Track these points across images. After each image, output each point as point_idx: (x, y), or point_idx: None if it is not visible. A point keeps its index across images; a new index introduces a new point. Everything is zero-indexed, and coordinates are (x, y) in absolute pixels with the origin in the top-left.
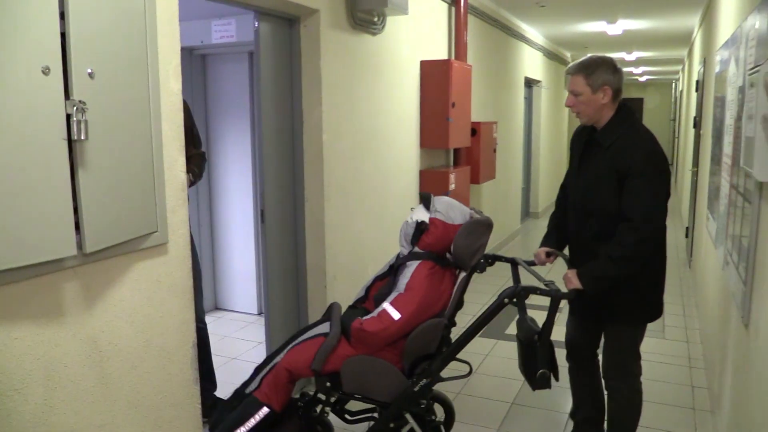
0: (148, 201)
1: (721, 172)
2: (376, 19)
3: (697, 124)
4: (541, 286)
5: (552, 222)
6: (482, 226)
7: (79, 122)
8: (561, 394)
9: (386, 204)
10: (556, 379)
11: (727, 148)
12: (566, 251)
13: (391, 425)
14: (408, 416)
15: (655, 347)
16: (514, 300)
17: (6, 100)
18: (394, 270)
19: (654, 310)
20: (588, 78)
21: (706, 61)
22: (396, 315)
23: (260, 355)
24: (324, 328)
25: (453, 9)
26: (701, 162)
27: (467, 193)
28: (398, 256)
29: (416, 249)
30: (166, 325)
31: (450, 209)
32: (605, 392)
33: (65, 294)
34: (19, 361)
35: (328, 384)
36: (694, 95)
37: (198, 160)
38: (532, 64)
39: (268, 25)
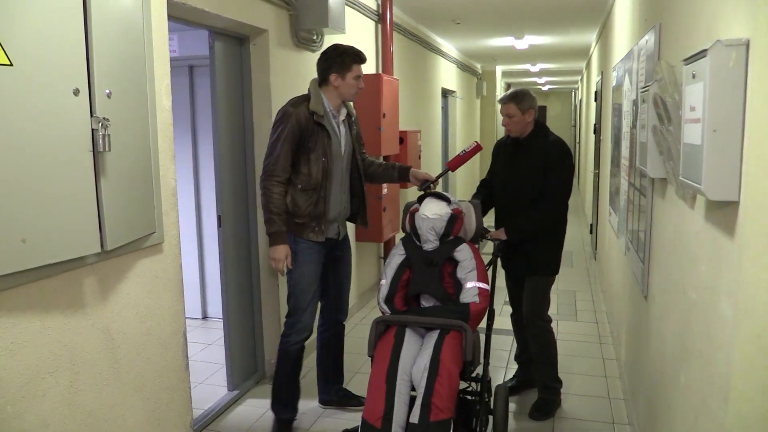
0: (148, 204)
1: (620, 173)
2: (315, 37)
3: (597, 130)
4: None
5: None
6: None
7: (103, 136)
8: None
9: None
10: None
11: (625, 151)
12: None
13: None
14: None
15: (570, 329)
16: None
17: (45, 118)
18: (431, 261)
19: (558, 264)
20: (518, 104)
21: (603, 74)
22: (487, 286)
23: (210, 355)
24: (417, 337)
25: (380, 26)
26: (602, 164)
27: (397, 196)
28: (409, 252)
29: (450, 237)
30: (163, 316)
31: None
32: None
33: (86, 288)
34: (52, 348)
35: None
36: (593, 104)
37: None
38: (447, 75)
39: (221, 43)
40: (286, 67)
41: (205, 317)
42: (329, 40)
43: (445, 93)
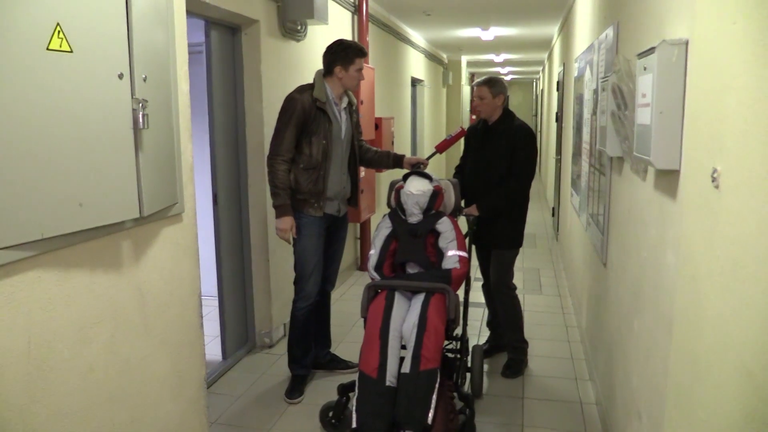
0: (172, 177)
1: (581, 156)
2: (299, 27)
3: (559, 118)
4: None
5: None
6: None
7: (143, 115)
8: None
9: None
10: None
11: (586, 136)
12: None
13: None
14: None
15: (535, 301)
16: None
17: (97, 98)
18: (415, 233)
19: (521, 238)
20: (491, 89)
21: (565, 65)
22: (465, 254)
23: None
24: (405, 299)
25: (356, 17)
26: (564, 150)
27: (374, 180)
28: (395, 225)
29: (432, 211)
30: (183, 279)
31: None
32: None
33: (123, 250)
34: (97, 301)
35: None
36: (555, 94)
37: None
38: (416, 65)
39: (216, 33)
40: (274, 55)
41: None
42: (312, 30)
43: (414, 82)
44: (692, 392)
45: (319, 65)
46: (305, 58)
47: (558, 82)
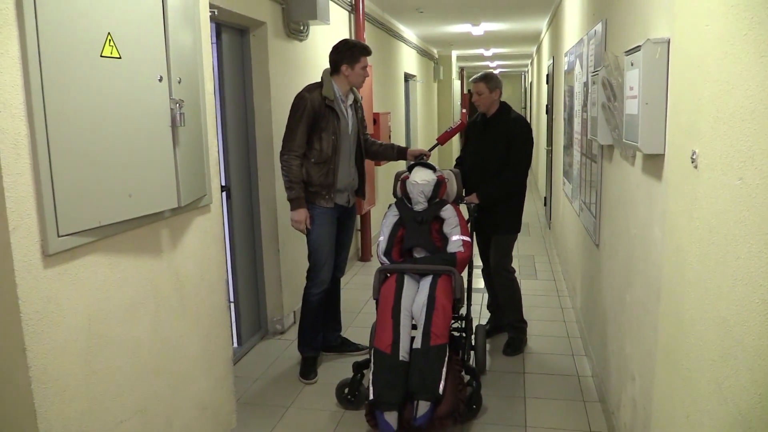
0: (202, 171)
1: (573, 146)
2: (302, 28)
3: (549, 110)
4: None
5: None
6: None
7: (180, 114)
8: None
9: None
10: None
11: (578, 127)
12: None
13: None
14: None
15: (531, 285)
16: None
17: (141, 99)
18: (421, 220)
19: (519, 224)
20: (487, 84)
21: (555, 59)
22: (468, 239)
23: None
24: (414, 281)
25: (353, 16)
26: (555, 141)
27: (372, 173)
28: (402, 213)
29: (436, 199)
30: (211, 264)
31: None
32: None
33: (162, 238)
34: (143, 284)
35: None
36: (545, 86)
37: None
38: (409, 61)
39: (226, 35)
40: (280, 55)
41: None
42: (313, 30)
43: (407, 77)
44: (678, 347)
45: (321, 63)
46: (308, 57)
47: (548, 75)
